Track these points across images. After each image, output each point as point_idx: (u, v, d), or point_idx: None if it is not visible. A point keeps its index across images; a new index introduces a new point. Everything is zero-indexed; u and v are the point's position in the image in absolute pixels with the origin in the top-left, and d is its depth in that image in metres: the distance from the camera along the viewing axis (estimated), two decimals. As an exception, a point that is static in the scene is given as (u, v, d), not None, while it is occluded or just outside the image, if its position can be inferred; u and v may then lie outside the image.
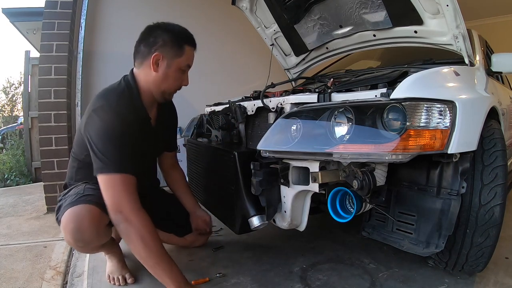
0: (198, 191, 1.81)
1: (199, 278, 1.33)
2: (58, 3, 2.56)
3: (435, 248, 1.07)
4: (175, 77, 1.29)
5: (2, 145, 6.65)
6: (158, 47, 1.23)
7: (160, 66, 1.24)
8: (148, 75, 1.26)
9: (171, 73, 1.27)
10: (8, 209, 2.68)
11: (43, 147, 2.50)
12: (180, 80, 1.32)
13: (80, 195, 1.21)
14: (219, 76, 3.40)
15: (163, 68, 1.25)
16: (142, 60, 1.27)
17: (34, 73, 4.27)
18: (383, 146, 0.91)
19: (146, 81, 1.28)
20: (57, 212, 1.26)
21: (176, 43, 1.25)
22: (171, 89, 1.32)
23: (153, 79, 1.26)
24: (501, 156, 1.12)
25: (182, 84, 1.34)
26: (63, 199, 1.26)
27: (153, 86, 1.28)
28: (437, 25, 1.46)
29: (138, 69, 1.29)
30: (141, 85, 1.28)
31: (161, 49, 1.23)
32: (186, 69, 1.32)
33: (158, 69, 1.24)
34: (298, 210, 1.25)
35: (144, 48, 1.25)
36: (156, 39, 1.23)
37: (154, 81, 1.27)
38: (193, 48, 1.32)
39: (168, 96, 1.34)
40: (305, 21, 1.96)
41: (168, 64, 1.25)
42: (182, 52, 1.26)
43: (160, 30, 1.25)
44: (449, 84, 1.14)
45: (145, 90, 1.29)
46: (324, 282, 1.30)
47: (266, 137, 1.18)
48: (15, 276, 1.46)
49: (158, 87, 1.28)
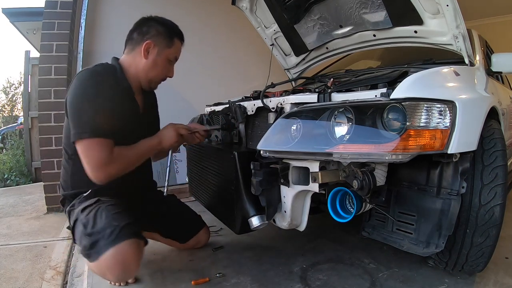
0: (198, 191, 1.81)
1: (199, 278, 1.33)
2: (58, 3, 2.56)
3: (435, 248, 1.07)
4: (163, 66, 1.36)
5: (2, 145, 6.66)
6: (151, 36, 1.31)
7: (151, 53, 1.31)
8: (138, 61, 1.32)
9: (160, 62, 1.34)
10: (8, 209, 2.68)
11: (43, 147, 2.50)
12: (166, 71, 1.39)
13: (115, 226, 1.11)
14: (219, 76, 3.40)
15: (153, 55, 1.32)
16: (133, 47, 1.33)
17: (34, 73, 4.28)
18: (383, 146, 0.91)
19: (135, 67, 1.33)
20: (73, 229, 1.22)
21: (168, 34, 1.34)
22: (158, 77, 1.38)
23: (142, 66, 1.32)
24: (501, 156, 1.12)
25: (168, 75, 1.41)
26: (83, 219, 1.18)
27: (142, 72, 1.33)
28: (437, 25, 1.46)
29: (128, 55, 1.35)
30: (129, 71, 1.33)
31: (154, 38, 1.31)
32: (173, 61, 1.40)
33: (148, 56, 1.31)
34: (298, 210, 1.24)
35: (137, 36, 1.32)
36: (150, 29, 1.31)
37: (143, 68, 1.32)
38: (181, 42, 1.41)
39: (153, 85, 1.41)
40: (305, 21, 1.96)
41: (159, 52, 1.32)
42: (172, 43, 1.35)
43: (154, 21, 1.34)
44: (449, 84, 1.14)
45: (132, 75, 1.33)
46: (324, 282, 1.30)
47: (266, 137, 1.18)
48: (15, 276, 1.46)
49: (146, 74, 1.33)
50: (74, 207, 1.28)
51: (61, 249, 1.77)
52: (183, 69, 3.25)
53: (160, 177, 2.94)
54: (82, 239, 1.14)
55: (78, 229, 1.19)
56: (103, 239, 1.09)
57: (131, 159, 1.24)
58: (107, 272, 1.12)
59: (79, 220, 1.20)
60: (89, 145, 1.15)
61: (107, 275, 1.15)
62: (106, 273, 1.13)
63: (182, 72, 1.65)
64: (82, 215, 1.20)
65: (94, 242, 1.10)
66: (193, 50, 3.34)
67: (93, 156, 1.15)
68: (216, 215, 1.59)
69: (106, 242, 1.08)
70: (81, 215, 1.20)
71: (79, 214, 1.21)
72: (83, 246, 1.13)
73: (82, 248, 1.14)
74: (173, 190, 2.59)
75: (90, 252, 1.11)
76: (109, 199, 1.25)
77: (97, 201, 1.23)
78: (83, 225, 1.15)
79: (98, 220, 1.14)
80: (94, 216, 1.16)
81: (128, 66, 1.33)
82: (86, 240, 1.12)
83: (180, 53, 1.42)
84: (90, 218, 1.16)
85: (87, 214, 1.18)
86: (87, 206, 1.22)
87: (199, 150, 1.76)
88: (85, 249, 1.12)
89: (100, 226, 1.12)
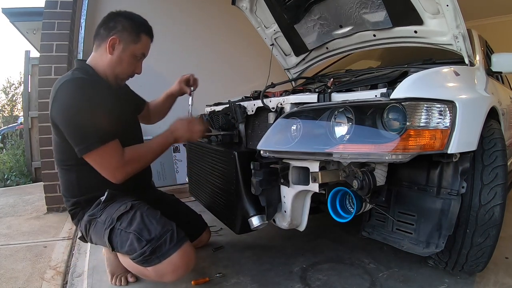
0: (198, 191, 1.81)
1: (199, 278, 1.33)
2: (58, 3, 2.56)
3: (435, 248, 1.07)
4: (129, 62, 1.33)
5: (2, 145, 6.65)
6: (116, 31, 1.28)
7: (116, 49, 1.29)
8: (104, 57, 1.30)
9: (125, 58, 1.31)
10: (8, 209, 2.68)
11: (43, 147, 2.50)
12: (133, 67, 1.36)
13: (171, 230, 1.16)
14: (219, 76, 3.40)
15: (118, 51, 1.29)
16: (100, 43, 1.31)
17: (34, 73, 4.28)
18: (383, 146, 0.91)
19: (102, 64, 1.31)
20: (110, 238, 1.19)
21: (135, 30, 1.30)
22: (124, 74, 1.35)
23: (108, 62, 1.30)
24: (501, 156, 1.12)
25: (135, 72, 1.38)
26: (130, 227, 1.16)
27: (108, 68, 1.31)
28: (437, 25, 1.46)
29: (95, 52, 1.33)
30: (99, 69, 1.31)
31: (119, 34, 1.28)
32: (141, 57, 1.37)
33: (113, 52, 1.29)
34: (298, 210, 1.24)
35: (103, 31, 1.30)
36: (116, 24, 1.29)
37: (109, 64, 1.30)
38: (149, 38, 1.37)
39: (120, 82, 1.38)
40: (305, 21, 1.96)
41: (124, 48, 1.30)
42: (139, 39, 1.32)
43: (122, 17, 1.31)
44: (449, 84, 1.14)
45: (102, 72, 1.32)
46: (324, 282, 1.30)
47: (266, 137, 1.18)
48: (15, 276, 1.46)
49: (112, 70, 1.32)
50: (95, 216, 1.25)
51: (61, 249, 1.77)
52: (183, 69, 3.27)
53: (160, 177, 2.95)
54: (137, 246, 1.13)
55: (122, 238, 1.17)
56: (165, 243, 1.13)
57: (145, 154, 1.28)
58: (170, 273, 1.14)
59: (121, 229, 1.18)
60: (101, 154, 1.16)
61: (168, 276, 1.16)
62: (167, 274, 1.15)
63: (182, 72, 1.65)
64: (122, 223, 1.18)
65: (156, 247, 1.12)
66: (193, 50, 3.36)
67: (108, 162, 1.18)
68: (216, 215, 1.59)
69: (170, 245, 1.13)
70: (120, 223, 1.18)
71: (115, 222, 1.19)
72: (140, 253, 1.12)
73: (138, 255, 1.13)
74: (173, 190, 2.60)
75: (151, 257, 1.12)
76: (138, 201, 1.25)
77: (131, 207, 1.22)
78: (136, 232, 1.14)
79: (150, 226, 1.16)
80: (143, 222, 1.16)
81: (95, 64, 1.32)
82: (145, 247, 1.12)
83: (148, 49, 1.38)
84: (139, 224, 1.16)
85: (131, 221, 1.17)
86: (123, 213, 1.20)
87: (199, 150, 1.76)
88: (144, 256, 1.12)
89: (158, 231, 1.14)
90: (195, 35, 3.35)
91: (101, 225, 1.22)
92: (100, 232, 1.22)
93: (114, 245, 1.20)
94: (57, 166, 1.33)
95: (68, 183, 1.31)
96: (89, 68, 1.30)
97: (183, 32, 3.28)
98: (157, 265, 1.13)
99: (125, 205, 1.22)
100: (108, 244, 1.20)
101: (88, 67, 1.31)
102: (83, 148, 1.15)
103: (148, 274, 1.19)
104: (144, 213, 1.20)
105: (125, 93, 1.52)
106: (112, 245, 1.20)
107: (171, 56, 3.14)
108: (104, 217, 1.22)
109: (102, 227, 1.21)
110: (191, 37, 3.34)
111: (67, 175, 1.30)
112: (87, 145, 1.14)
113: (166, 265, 1.13)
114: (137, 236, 1.14)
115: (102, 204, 1.25)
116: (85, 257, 1.61)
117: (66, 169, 1.29)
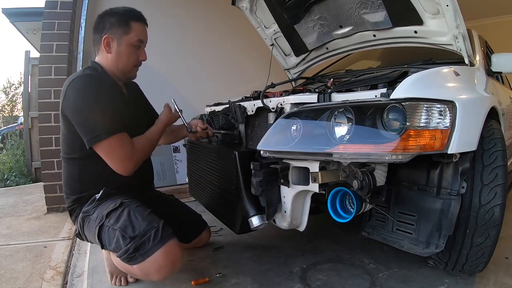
0: (198, 191, 1.81)
1: (199, 278, 1.33)
2: (58, 3, 2.56)
3: (435, 248, 1.07)
4: (128, 53, 1.34)
5: (2, 145, 6.66)
6: (106, 30, 1.31)
7: (112, 47, 1.32)
8: (106, 58, 1.34)
9: (123, 51, 1.33)
10: (8, 209, 2.68)
11: (43, 147, 2.50)
12: (135, 56, 1.36)
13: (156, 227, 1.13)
14: (219, 76, 3.40)
15: (115, 47, 1.32)
16: (98, 47, 1.35)
17: (34, 73, 4.27)
18: (383, 146, 0.91)
19: (107, 65, 1.34)
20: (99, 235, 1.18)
21: (122, 22, 1.31)
22: (129, 65, 1.37)
23: (110, 61, 1.33)
24: (501, 156, 1.12)
25: (139, 59, 1.39)
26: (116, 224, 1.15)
27: (113, 67, 1.34)
28: (437, 25, 1.46)
29: (98, 56, 1.36)
30: (106, 69, 1.34)
31: (109, 31, 1.30)
32: (140, 44, 1.37)
33: (110, 50, 1.32)
34: (298, 210, 1.25)
35: (96, 35, 1.33)
36: (104, 24, 1.31)
37: (111, 62, 1.34)
38: (141, 23, 1.36)
39: (129, 74, 1.40)
40: (305, 21, 1.96)
41: (118, 43, 1.32)
42: (129, 29, 1.32)
43: (107, 15, 1.33)
44: (449, 84, 1.14)
45: (109, 72, 1.35)
46: (324, 282, 1.30)
47: (266, 137, 1.18)
48: (15, 276, 1.46)
49: (116, 66, 1.34)
50: (89, 213, 1.25)
51: (61, 249, 1.77)
52: (183, 69, 3.27)
53: (160, 177, 2.95)
54: (122, 243, 1.11)
55: (109, 235, 1.16)
56: (148, 241, 1.10)
57: (147, 143, 1.32)
58: (154, 272, 1.12)
59: (108, 226, 1.17)
60: (111, 144, 1.18)
61: (153, 275, 1.13)
62: (152, 273, 1.12)
63: (182, 72, 1.65)
64: (110, 220, 1.17)
65: (139, 244, 1.10)
66: (193, 50, 3.36)
67: (118, 151, 1.20)
68: (216, 215, 1.59)
69: (153, 243, 1.10)
70: (109, 220, 1.17)
71: (104, 219, 1.18)
72: (125, 250, 1.10)
73: (122, 252, 1.11)
74: (173, 190, 2.60)
75: (135, 255, 1.10)
76: (130, 199, 1.24)
77: (120, 204, 1.20)
78: (121, 229, 1.13)
79: (136, 222, 1.14)
80: (129, 219, 1.15)
81: (103, 65, 1.35)
82: (129, 244, 1.10)
83: (144, 34, 1.37)
84: (125, 221, 1.14)
85: (118, 218, 1.16)
86: (112, 210, 1.19)
87: (199, 150, 1.76)
88: (128, 253, 1.10)
89: (142, 228, 1.12)
90: (195, 35, 3.35)
91: (93, 223, 1.23)
92: (92, 230, 1.23)
93: (103, 242, 1.20)
94: (62, 159, 1.35)
95: (69, 178, 1.33)
96: (99, 67, 1.34)
97: (183, 33, 3.28)
98: (141, 263, 1.11)
99: (115, 202, 1.22)
100: (97, 241, 1.20)
101: (98, 65, 1.34)
102: (92, 138, 1.16)
103: (135, 272, 1.18)
104: (132, 210, 1.18)
105: (135, 97, 1.53)
106: (102, 243, 1.20)
107: (171, 56, 3.14)
108: (96, 214, 1.23)
109: (93, 225, 1.22)
110: (191, 37, 3.34)
111: (70, 169, 1.32)
112: (97, 135, 1.16)
113: (150, 263, 1.10)
114: (122, 233, 1.12)
115: (96, 202, 1.26)
116: (85, 257, 1.61)
117: (70, 162, 1.31)
